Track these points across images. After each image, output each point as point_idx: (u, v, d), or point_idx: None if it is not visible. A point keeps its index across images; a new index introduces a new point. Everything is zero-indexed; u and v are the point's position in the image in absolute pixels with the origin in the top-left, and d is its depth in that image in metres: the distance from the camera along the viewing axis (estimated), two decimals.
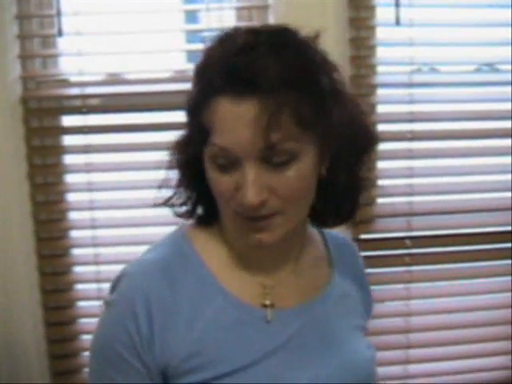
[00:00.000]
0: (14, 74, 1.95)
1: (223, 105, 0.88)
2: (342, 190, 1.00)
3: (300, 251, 1.06)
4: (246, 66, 0.86)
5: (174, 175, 1.03)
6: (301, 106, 0.88)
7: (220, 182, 0.91)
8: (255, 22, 2.01)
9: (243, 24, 2.01)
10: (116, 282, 1.00)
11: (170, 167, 1.03)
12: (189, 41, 2.21)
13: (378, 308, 2.19)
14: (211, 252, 1.01)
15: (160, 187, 1.04)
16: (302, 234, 1.06)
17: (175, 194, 1.03)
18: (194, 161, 0.98)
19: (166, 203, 1.04)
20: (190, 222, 1.06)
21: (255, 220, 0.91)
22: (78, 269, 2.09)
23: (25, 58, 1.98)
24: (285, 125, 0.86)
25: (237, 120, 0.87)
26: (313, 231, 1.11)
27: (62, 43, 2.01)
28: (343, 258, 1.14)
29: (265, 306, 1.00)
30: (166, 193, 1.04)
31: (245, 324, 0.98)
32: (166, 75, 2.00)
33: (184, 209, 1.04)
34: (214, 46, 0.93)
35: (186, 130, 1.01)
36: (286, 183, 0.89)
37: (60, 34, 1.96)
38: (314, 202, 0.98)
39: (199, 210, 1.05)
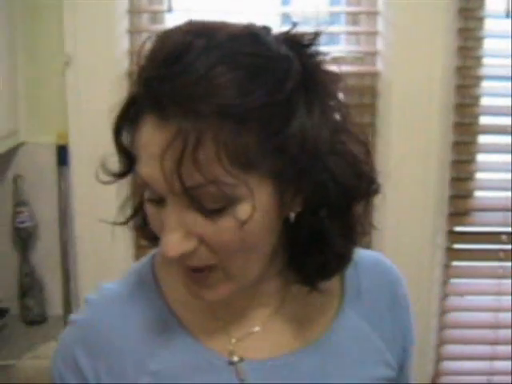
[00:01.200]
0: (122, 48, 1.98)
1: (146, 125, 0.68)
2: (328, 240, 0.76)
3: (288, 290, 0.84)
4: (167, 80, 0.65)
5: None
6: (236, 138, 0.65)
7: (151, 215, 0.72)
8: (364, 8, 2.01)
9: (352, 9, 2.02)
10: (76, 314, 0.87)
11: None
12: (283, 23, 2.21)
13: (469, 301, 2.18)
14: (177, 290, 0.81)
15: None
16: (286, 273, 0.81)
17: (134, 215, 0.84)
18: None
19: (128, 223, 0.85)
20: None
21: (192, 270, 0.72)
22: None
23: (133, 33, 2.00)
24: (209, 162, 0.64)
25: (152, 149, 0.66)
26: None
27: (171, 19, 2.03)
28: (366, 287, 0.89)
29: (233, 361, 0.80)
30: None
31: (211, 377, 0.80)
32: None
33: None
34: (153, 44, 0.70)
35: None
36: (220, 234, 0.68)
37: (169, 10, 1.98)
38: (291, 251, 0.78)
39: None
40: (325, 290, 0.81)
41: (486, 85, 2.03)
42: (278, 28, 0.76)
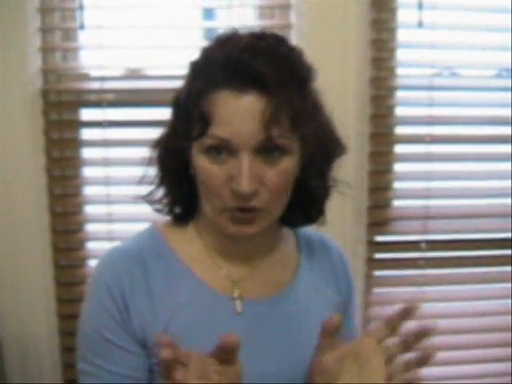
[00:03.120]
0: (35, 67, 1.95)
1: (224, 98, 0.92)
2: (313, 194, 1.07)
3: (271, 247, 1.12)
4: (250, 62, 0.91)
5: (154, 172, 1.09)
6: (295, 107, 0.93)
7: (212, 173, 0.95)
8: (277, 21, 2.01)
9: (264, 22, 2.02)
10: (96, 269, 1.05)
11: (150, 164, 1.09)
12: (206, 37, 2.21)
13: (391, 310, 2.18)
14: (183, 245, 1.07)
15: (140, 183, 1.09)
16: (273, 231, 1.12)
17: (155, 190, 1.09)
18: (176, 158, 1.03)
19: (146, 199, 1.10)
20: (164, 220, 1.12)
21: (242, 211, 0.96)
22: (93, 262, 2.09)
23: (46, 50, 1.98)
24: (282, 121, 0.92)
25: (239, 112, 0.91)
26: (287, 231, 1.17)
27: (83, 37, 2.01)
28: (315, 255, 1.18)
29: (233, 298, 1.05)
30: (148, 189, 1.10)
31: (215, 311, 1.03)
32: (185, 72, 1.99)
33: (162, 205, 1.10)
34: (215, 46, 0.97)
35: (171, 125, 1.06)
36: (275, 177, 0.95)
37: (81, 27, 1.96)
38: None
39: (176, 209, 1.10)
40: (288, 249, 1.15)
41: (400, 95, 2.05)
42: (201, 41, 0.93)
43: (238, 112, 0.92)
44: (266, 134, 0.91)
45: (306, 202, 1.07)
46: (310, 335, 1.05)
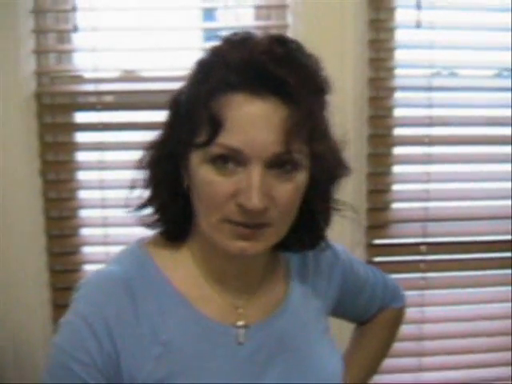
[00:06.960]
0: (29, 69, 1.93)
1: (238, 101, 0.83)
2: (316, 218, 0.98)
3: (265, 268, 1.03)
4: (272, 67, 0.82)
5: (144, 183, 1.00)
6: (314, 120, 0.86)
7: (217, 185, 0.86)
8: (273, 22, 1.99)
9: (261, 23, 1.99)
10: (73, 299, 0.94)
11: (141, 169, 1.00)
12: (206, 39, 2.18)
13: None
14: (174, 268, 0.97)
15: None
16: (269, 251, 1.00)
17: (146, 204, 0.99)
18: (171, 166, 0.95)
19: (139, 209, 1.00)
20: (149, 238, 1.02)
21: (246, 227, 0.87)
22: (88, 267, 2.06)
23: (39, 53, 1.95)
24: (302, 134, 0.84)
25: (255, 119, 0.83)
26: None
27: (77, 39, 1.98)
28: (302, 258, 1.10)
29: (236, 326, 0.97)
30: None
31: (212, 343, 0.94)
32: (182, 73, 1.96)
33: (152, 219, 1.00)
34: (228, 47, 0.88)
35: (166, 129, 0.97)
36: (285, 194, 0.86)
37: (75, 29, 1.93)
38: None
39: (168, 226, 1.00)
40: (279, 263, 1.07)
41: (399, 96, 2.02)
42: (200, 43, 0.86)
43: (254, 119, 0.82)
44: (286, 147, 0.83)
45: (306, 226, 0.98)
46: (309, 355, 1.02)
